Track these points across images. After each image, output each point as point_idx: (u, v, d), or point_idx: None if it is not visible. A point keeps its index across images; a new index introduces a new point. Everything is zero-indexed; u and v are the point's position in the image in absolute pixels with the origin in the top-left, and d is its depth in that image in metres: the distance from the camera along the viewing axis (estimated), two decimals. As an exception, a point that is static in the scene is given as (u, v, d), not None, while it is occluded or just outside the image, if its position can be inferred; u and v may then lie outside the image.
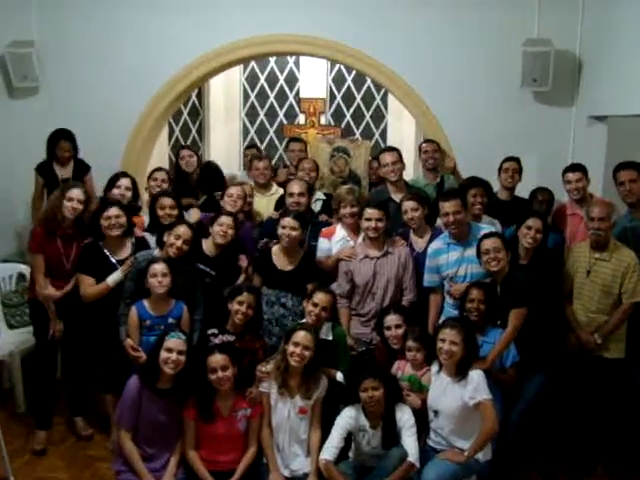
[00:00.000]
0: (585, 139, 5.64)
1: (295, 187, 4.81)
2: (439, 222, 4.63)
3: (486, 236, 4.09)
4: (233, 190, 4.83)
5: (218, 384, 3.67)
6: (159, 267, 4.02)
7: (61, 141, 5.35)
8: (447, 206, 4.28)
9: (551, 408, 4.23)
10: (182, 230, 4.25)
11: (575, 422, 4.29)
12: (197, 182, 5.52)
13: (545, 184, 5.17)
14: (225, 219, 4.44)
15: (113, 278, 4.20)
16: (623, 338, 4.16)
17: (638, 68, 4.77)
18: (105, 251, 4.29)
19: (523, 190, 5.24)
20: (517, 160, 5.18)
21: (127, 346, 4.04)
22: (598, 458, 4.30)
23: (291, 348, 3.73)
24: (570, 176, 4.75)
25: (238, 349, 3.97)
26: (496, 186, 5.19)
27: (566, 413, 4.31)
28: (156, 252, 4.35)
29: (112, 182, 4.79)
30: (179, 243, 4.20)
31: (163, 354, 3.63)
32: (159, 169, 5.28)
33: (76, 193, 4.31)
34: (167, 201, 4.66)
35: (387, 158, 5.07)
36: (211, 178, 5.51)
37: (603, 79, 5.36)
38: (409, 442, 3.64)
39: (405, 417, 3.70)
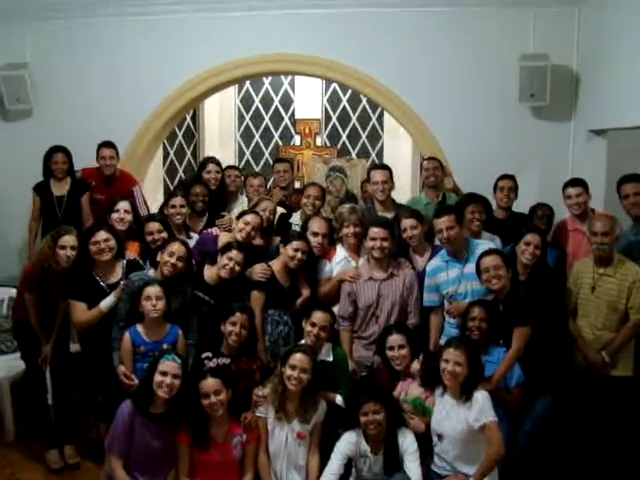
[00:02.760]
0: (585, 154, 5.59)
1: (316, 226, 4.55)
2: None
3: (485, 254, 4.01)
4: (249, 218, 4.56)
5: (210, 409, 3.54)
6: (153, 290, 3.89)
7: (55, 154, 5.30)
8: (440, 222, 4.23)
9: (558, 429, 4.11)
10: (176, 247, 4.14)
11: (583, 443, 4.15)
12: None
13: (545, 200, 5.10)
14: (236, 254, 4.22)
15: (106, 303, 4.07)
16: (631, 355, 4.07)
17: (635, 80, 4.73)
18: (94, 276, 4.18)
19: (523, 207, 5.16)
20: (512, 178, 5.10)
21: (120, 373, 3.91)
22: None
23: (288, 371, 3.62)
24: (570, 191, 4.67)
25: (233, 372, 3.86)
26: (494, 203, 5.10)
27: (574, 434, 4.19)
28: (150, 272, 4.24)
29: (111, 206, 4.69)
30: (173, 260, 4.09)
31: (157, 377, 3.51)
32: (174, 194, 5.09)
33: (68, 240, 4.17)
34: (154, 226, 4.59)
35: (377, 176, 4.97)
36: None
37: (601, 92, 5.32)
38: (412, 467, 3.53)
39: (408, 441, 3.59)
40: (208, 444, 3.56)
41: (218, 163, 5.55)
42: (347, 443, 3.62)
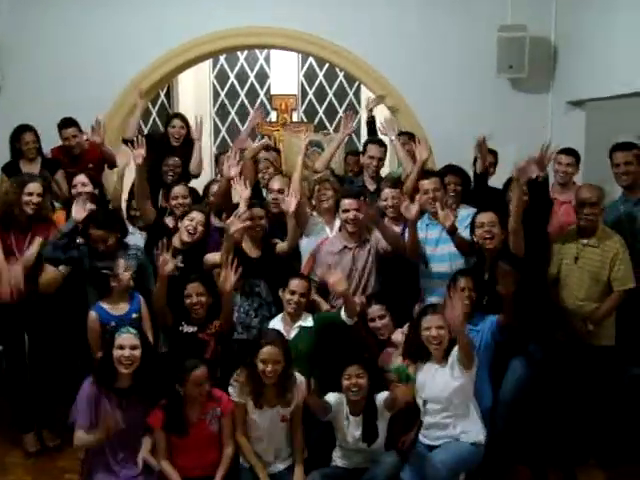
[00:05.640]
0: (563, 125, 5.59)
1: (275, 183, 4.64)
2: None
3: (482, 210, 3.98)
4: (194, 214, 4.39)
5: (200, 396, 3.50)
6: (122, 262, 3.90)
7: (22, 134, 5.13)
8: (427, 184, 4.23)
9: (540, 399, 4.11)
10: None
11: (566, 413, 4.17)
12: None
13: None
14: (197, 214, 4.29)
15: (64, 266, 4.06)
16: (613, 325, 4.07)
17: (612, 50, 4.74)
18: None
19: (501, 179, 5.08)
20: (494, 153, 5.06)
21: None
22: (590, 449, 4.20)
23: (261, 366, 3.52)
24: (562, 158, 4.67)
25: (201, 340, 3.87)
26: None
27: (556, 404, 4.20)
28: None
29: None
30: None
31: (116, 353, 3.43)
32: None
33: (34, 187, 4.15)
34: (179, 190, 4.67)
35: (373, 151, 5.00)
36: None
37: (579, 63, 5.33)
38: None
39: (383, 396, 3.59)
40: (186, 430, 3.50)
41: (183, 118, 5.51)
42: (333, 399, 3.62)
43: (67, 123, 5.27)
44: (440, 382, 3.58)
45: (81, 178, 4.65)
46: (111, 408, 3.47)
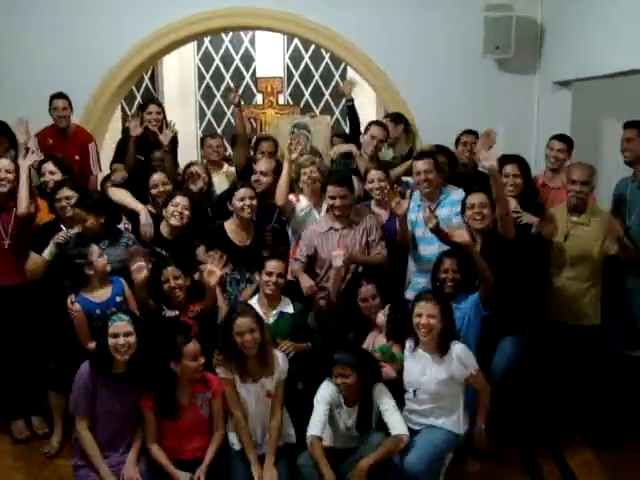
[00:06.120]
0: (550, 106, 5.60)
1: (260, 165, 4.63)
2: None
3: (473, 191, 3.98)
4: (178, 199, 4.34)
5: (195, 372, 3.49)
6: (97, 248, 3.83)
7: None
8: (420, 164, 4.20)
9: (529, 379, 4.14)
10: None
11: (552, 392, 4.20)
12: None
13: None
14: (180, 199, 4.24)
15: (48, 251, 4.00)
16: (598, 304, 4.08)
17: (599, 29, 4.72)
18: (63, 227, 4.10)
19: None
20: (476, 134, 5.05)
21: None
22: (576, 428, 4.23)
23: (239, 340, 3.50)
24: (554, 143, 4.66)
25: (184, 324, 3.84)
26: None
27: (543, 383, 4.23)
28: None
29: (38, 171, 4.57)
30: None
31: (110, 341, 3.39)
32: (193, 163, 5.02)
33: (3, 164, 4.11)
34: (159, 177, 4.55)
35: (375, 131, 4.95)
36: None
37: (565, 43, 5.31)
38: (395, 418, 3.47)
39: (385, 400, 3.52)
40: (177, 413, 3.47)
41: (159, 104, 5.49)
42: (328, 390, 3.55)
43: (59, 95, 5.26)
44: (433, 375, 3.53)
45: (49, 166, 4.50)
46: (108, 395, 3.45)
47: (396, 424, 3.45)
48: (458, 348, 3.51)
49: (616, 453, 4.02)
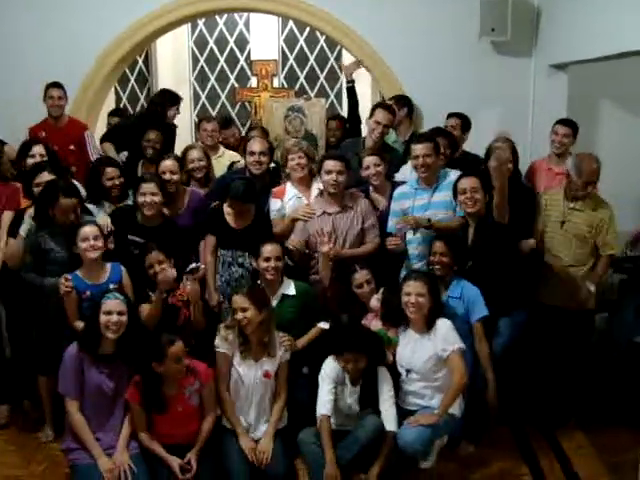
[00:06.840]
0: (546, 89, 5.56)
1: (256, 146, 4.53)
2: (397, 177, 4.56)
3: (464, 175, 3.97)
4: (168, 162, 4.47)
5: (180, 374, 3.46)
6: (90, 230, 3.74)
7: None
8: (419, 148, 4.13)
9: (524, 361, 4.14)
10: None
11: (547, 374, 4.21)
12: None
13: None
14: (146, 187, 4.12)
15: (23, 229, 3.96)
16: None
17: (595, 12, 4.68)
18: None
19: (483, 144, 5.01)
20: (460, 116, 5.05)
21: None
22: (570, 412, 4.24)
23: (239, 315, 3.55)
24: (559, 128, 4.68)
25: (172, 306, 3.86)
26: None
27: (538, 365, 4.23)
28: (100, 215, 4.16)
29: (25, 151, 4.52)
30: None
31: (103, 318, 3.40)
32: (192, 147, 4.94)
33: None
34: (113, 171, 4.46)
35: (380, 116, 4.82)
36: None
37: (561, 26, 5.26)
38: (390, 413, 3.52)
39: (385, 389, 3.56)
40: (165, 408, 3.45)
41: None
42: (332, 367, 3.58)
43: (55, 84, 5.26)
44: (422, 353, 3.57)
45: (39, 149, 4.50)
46: (97, 374, 3.45)
47: (389, 419, 3.51)
48: (442, 323, 3.55)
49: (610, 438, 4.03)
